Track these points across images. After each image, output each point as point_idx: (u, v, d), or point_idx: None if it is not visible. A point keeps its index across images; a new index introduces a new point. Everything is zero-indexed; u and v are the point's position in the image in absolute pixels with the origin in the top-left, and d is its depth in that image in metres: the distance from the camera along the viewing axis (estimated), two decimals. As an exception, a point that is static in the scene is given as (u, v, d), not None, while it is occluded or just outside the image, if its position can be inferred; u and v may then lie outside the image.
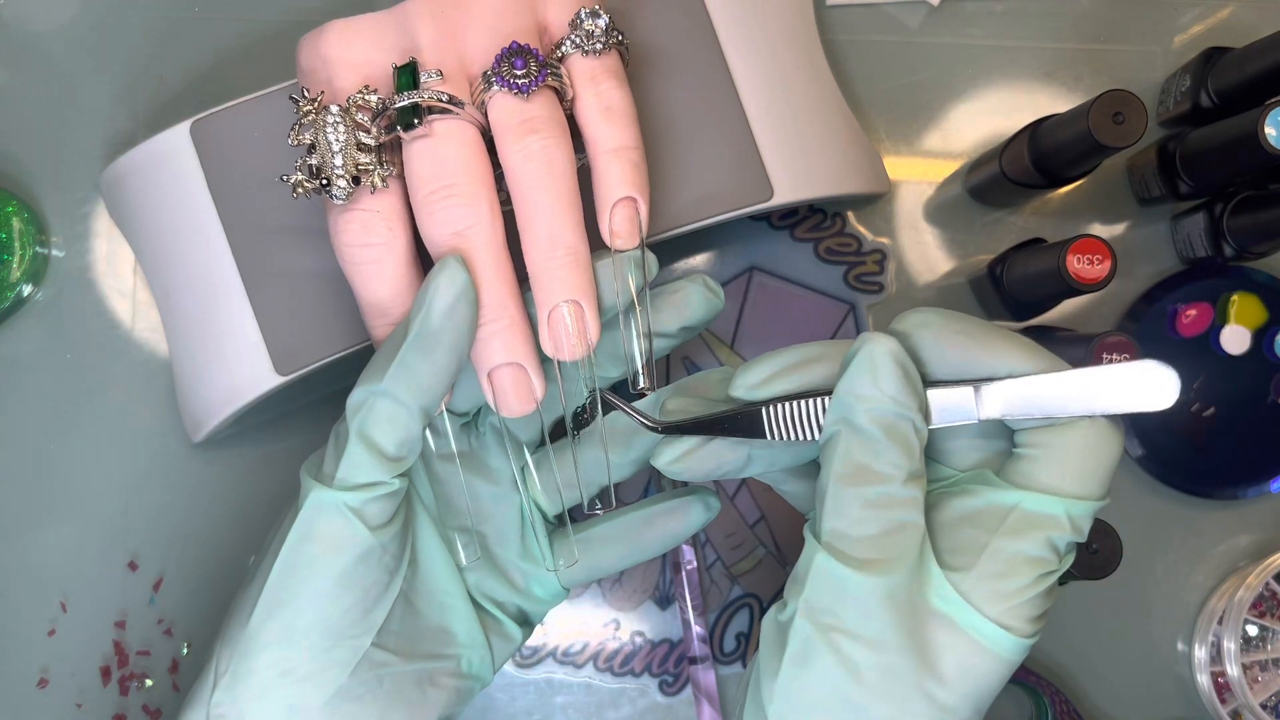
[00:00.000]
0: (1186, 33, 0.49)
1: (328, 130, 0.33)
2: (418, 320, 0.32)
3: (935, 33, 0.49)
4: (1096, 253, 0.41)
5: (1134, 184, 0.49)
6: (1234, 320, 0.47)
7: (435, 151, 0.33)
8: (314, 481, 0.33)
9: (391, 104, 0.33)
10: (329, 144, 0.33)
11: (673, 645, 0.48)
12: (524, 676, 0.47)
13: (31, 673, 0.46)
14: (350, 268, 0.34)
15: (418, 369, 0.32)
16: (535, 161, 0.33)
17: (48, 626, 0.46)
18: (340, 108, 0.33)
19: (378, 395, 0.32)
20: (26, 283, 0.46)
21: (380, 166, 0.33)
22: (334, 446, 0.33)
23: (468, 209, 0.33)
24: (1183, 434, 0.47)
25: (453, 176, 0.33)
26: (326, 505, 0.32)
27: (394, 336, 0.33)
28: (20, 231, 0.46)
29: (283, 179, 0.34)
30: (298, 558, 0.33)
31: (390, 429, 0.32)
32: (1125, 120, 0.39)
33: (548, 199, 0.33)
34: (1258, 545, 0.48)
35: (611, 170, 0.34)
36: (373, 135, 0.33)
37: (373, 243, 0.34)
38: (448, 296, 0.32)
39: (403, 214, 0.34)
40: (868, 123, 0.49)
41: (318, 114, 0.33)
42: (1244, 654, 0.46)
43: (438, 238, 0.33)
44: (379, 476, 0.32)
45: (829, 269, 0.49)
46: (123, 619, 0.46)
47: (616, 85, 0.35)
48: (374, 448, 0.32)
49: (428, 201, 0.33)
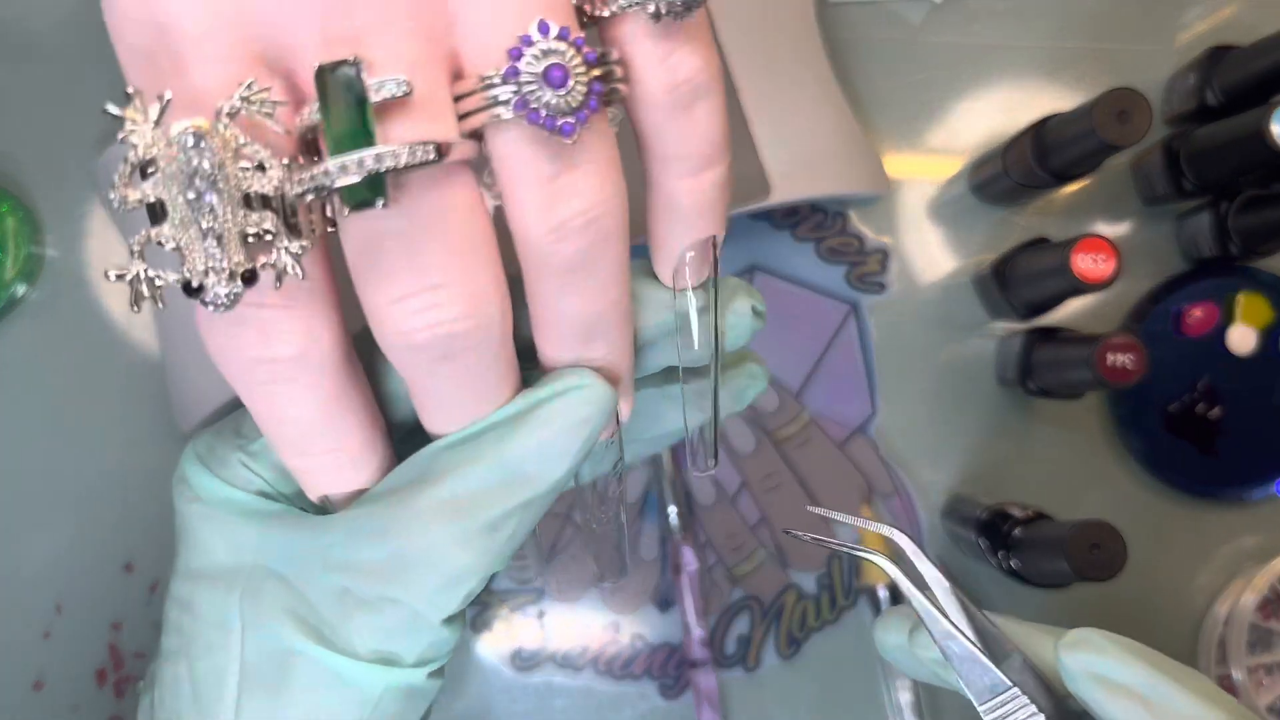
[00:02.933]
0: (1191, 31, 0.49)
1: (187, 179, 0.18)
2: (528, 488, 0.22)
3: (938, 30, 0.49)
4: (1101, 252, 0.41)
5: (1139, 183, 0.48)
6: (1240, 320, 0.46)
7: (404, 232, 0.20)
8: (375, 665, 0.23)
9: (311, 121, 0.19)
10: (195, 209, 0.18)
11: (673, 648, 0.47)
12: (523, 680, 0.47)
13: (27, 676, 0.45)
14: (238, 386, 0.22)
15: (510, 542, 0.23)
16: (572, 244, 0.21)
17: (43, 629, 0.46)
18: (206, 131, 0.18)
19: (458, 575, 0.23)
20: (21, 282, 0.46)
21: (288, 236, 0.19)
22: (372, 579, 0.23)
23: (469, 324, 0.20)
24: (1188, 435, 0.47)
25: (437, 270, 0.20)
26: (395, 689, 0.24)
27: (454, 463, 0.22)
28: (15, 231, 0.45)
29: (109, 276, 0.19)
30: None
31: (468, 601, 0.24)
32: (1130, 119, 0.39)
33: (585, 293, 0.22)
34: (1263, 547, 0.48)
35: (688, 204, 0.23)
36: (274, 182, 0.18)
37: (280, 357, 0.21)
38: (580, 453, 0.22)
39: (330, 297, 0.21)
40: (870, 121, 0.48)
41: (169, 145, 0.18)
42: (1249, 656, 0.45)
43: (415, 364, 0.21)
44: (455, 642, 0.24)
45: (831, 268, 0.48)
46: (119, 622, 0.46)
47: (701, 60, 0.21)
48: (451, 622, 0.24)
49: (397, 311, 0.20)
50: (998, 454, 0.48)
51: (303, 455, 0.23)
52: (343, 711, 0.24)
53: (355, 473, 0.24)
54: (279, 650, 0.24)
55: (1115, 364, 0.41)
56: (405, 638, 0.23)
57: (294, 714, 0.23)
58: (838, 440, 0.48)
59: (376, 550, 0.23)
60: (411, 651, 0.23)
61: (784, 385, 0.48)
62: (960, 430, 0.48)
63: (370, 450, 0.24)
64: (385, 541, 0.23)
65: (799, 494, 0.47)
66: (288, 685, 0.24)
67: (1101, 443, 0.48)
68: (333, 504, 0.24)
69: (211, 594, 0.25)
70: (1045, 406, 0.48)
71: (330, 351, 0.21)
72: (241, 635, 0.24)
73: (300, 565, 0.24)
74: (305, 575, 0.24)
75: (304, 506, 0.25)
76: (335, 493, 0.24)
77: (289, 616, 0.23)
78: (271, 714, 0.24)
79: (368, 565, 0.23)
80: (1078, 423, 0.48)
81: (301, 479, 0.24)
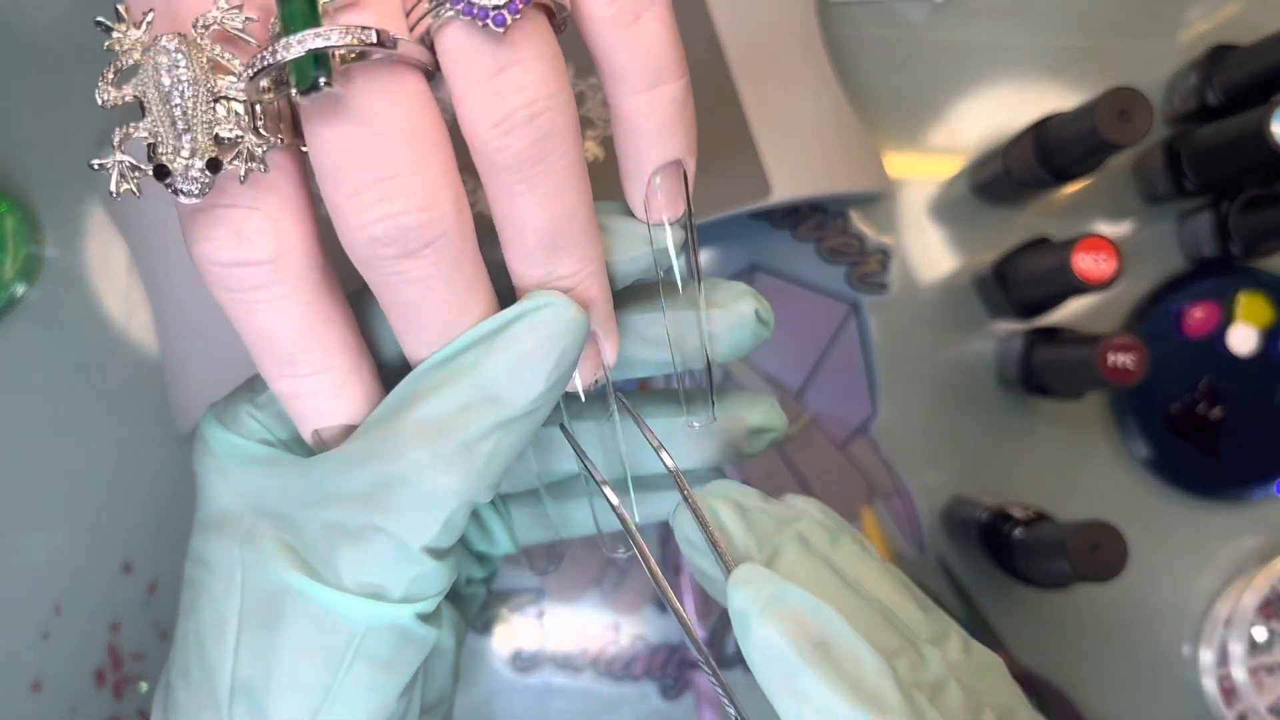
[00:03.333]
0: (1192, 30, 0.49)
1: (164, 78, 0.20)
2: (501, 409, 0.22)
3: (939, 29, 0.49)
4: (1102, 252, 0.41)
5: (1140, 182, 0.48)
6: (1241, 320, 0.46)
7: (358, 123, 0.21)
8: (362, 598, 0.24)
9: (276, 40, 0.20)
10: (167, 104, 0.21)
11: (673, 649, 0.47)
12: (522, 681, 0.47)
13: (25, 676, 0.45)
14: (221, 295, 0.22)
15: (491, 464, 0.23)
16: (520, 139, 0.21)
17: (41, 630, 0.46)
18: (183, 37, 0.21)
19: (436, 498, 0.23)
20: (20, 282, 0.46)
21: (256, 136, 0.21)
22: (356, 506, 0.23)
23: (424, 216, 0.21)
24: (1189, 435, 0.46)
25: (391, 164, 0.21)
26: (381, 626, 0.24)
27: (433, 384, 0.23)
28: (13, 231, 0.45)
29: (93, 166, 0.22)
30: (346, 686, 0.24)
31: (453, 533, 0.24)
32: (1131, 118, 0.39)
33: (541, 195, 0.22)
34: (1264, 547, 0.48)
35: (646, 122, 0.23)
36: (242, 84, 0.21)
37: (254, 260, 0.22)
38: (552, 373, 0.22)
39: (301, 203, 0.22)
40: (870, 120, 0.48)
41: (145, 49, 0.21)
42: (1250, 657, 0.45)
43: (376, 261, 0.22)
44: (447, 582, 0.24)
45: (831, 268, 0.48)
46: (117, 622, 0.46)
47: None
48: (437, 555, 0.24)
49: (354, 204, 0.21)
50: (998, 454, 0.47)
51: (288, 378, 0.23)
52: (329, 645, 0.24)
53: (342, 402, 0.24)
54: (275, 588, 0.24)
55: (1116, 364, 0.41)
56: (390, 569, 0.23)
57: (285, 650, 0.24)
58: (838, 440, 0.48)
59: (359, 478, 0.23)
60: (396, 584, 0.23)
61: (784, 385, 0.48)
62: (961, 430, 0.48)
63: (355, 377, 0.24)
64: (366, 468, 0.23)
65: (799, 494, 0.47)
66: (281, 621, 0.24)
67: (1102, 443, 0.48)
68: (326, 443, 0.24)
69: (219, 543, 0.25)
70: (1046, 407, 0.47)
71: (303, 258, 0.22)
72: (242, 579, 0.24)
73: (294, 503, 0.24)
74: (299, 512, 0.24)
75: (306, 453, 0.25)
76: (326, 425, 0.24)
77: (284, 554, 0.24)
78: (266, 651, 0.24)
79: (352, 494, 0.23)
80: (1078, 423, 0.47)
81: (292, 410, 0.24)
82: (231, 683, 0.24)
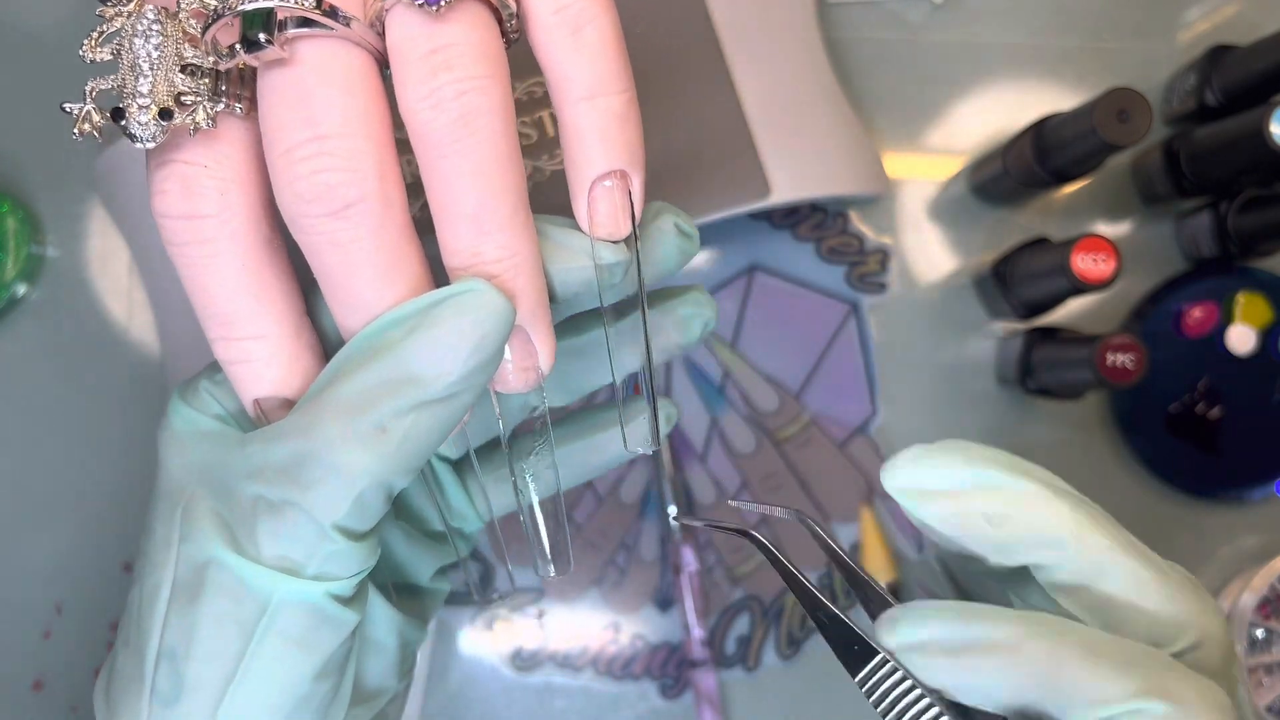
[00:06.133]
0: (1192, 30, 0.49)
1: (136, 40, 0.23)
2: (418, 390, 0.22)
3: (938, 30, 0.49)
4: (1102, 252, 0.41)
5: (1139, 183, 0.48)
6: (1240, 320, 0.46)
7: (298, 86, 0.22)
8: (275, 572, 0.24)
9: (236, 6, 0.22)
10: (136, 58, 0.23)
11: (673, 648, 0.47)
12: (522, 681, 0.47)
13: (26, 676, 0.45)
14: (172, 250, 0.24)
15: (405, 447, 0.23)
16: (447, 113, 0.22)
17: (43, 629, 0.46)
18: (164, 10, 0.23)
19: (347, 475, 0.23)
20: (21, 282, 0.46)
21: (210, 98, 0.23)
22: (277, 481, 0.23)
23: (347, 175, 0.22)
24: (1188, 435, 0.46)
25: (325, 124, 0.22)
26: (292, 602, 0.24)
27: (352, 370, 0.23)
28: (15, 231, 0.45)
29: (65, 108, 0.24)
30: (257, 660, 0.24)
31: (366, 513, 0.24)
32: (1130, 118, 0.39)
33: (467, 169, 0.22)
34: (1263, 547, 0.48)
35: (587, 129, 0.24)
36: (204, 51, 0.23)
37: (200, 213, 0.23)
38: (471, 357, 0.22)
39: (249, 170, 0.24)
40: (870, 121, 0.48)
41: (130, 17, 0.23)
42: (1250, 657, 0.45)
43: (302, 219, 0.22)
44: (361, 564, 0.24)
45: (831, 268, 0.48)
46: (118, 622, 0.46)
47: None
48: (351, 535, 0.24)
49: (285, 162, 0.22)
50: (998, 454, 0.48)
51: (225, 340, 0.24)
52: (244, 616, 0.24)
53: (278, 370, 0.24)
54: (203, 559, 0.24)
55: (1115, 364, 0.41)
56: (302, 544, 0.23)
57: (205, 620, 0.24)
58: (838, 440, 0.48)
59: (282, 452, 0.23)
60: (310, 561, 0.24)
61: (784, 385, 0.48)
62: (960, 430, 0.48)
63: (293, 347, 0.25)
64: (288, 442, 0.23)
65: (799, 494, 0.47)
66: (203, 591, 0.24)
67: (1101, 443, 0.48)
68: (266, 415, 0.25)
69: (163, 512, 0.26)
70: (1045, 406, 0.48)
71: (246, 222, 0.23)
72: (177, 549, 0.25)
73: (230, 474, 0.24)
74: (230, 484, 0.24)
75: (252, 428, 0.26)
76: (264, 396, 0.25)
77: (214, 525, 0.24)
78: (188, 620, 0.24)
79: (276, 467, 0.23)
80: (1078, 423, 0.48)
81: (232, 376, 0.25)
82: (158, 649, 0.25)
